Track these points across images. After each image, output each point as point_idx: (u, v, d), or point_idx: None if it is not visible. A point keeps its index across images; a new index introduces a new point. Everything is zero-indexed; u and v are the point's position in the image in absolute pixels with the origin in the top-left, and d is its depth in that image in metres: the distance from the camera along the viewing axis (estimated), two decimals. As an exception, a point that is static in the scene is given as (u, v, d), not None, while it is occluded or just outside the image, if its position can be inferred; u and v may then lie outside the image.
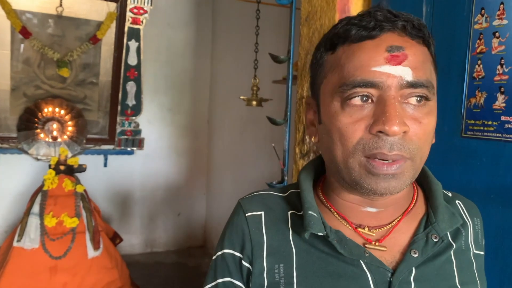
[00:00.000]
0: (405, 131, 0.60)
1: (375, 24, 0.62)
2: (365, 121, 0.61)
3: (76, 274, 2.93)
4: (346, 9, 1.67)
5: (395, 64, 0.60)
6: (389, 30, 0.62)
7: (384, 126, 0.59)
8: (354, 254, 0.66)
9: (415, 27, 0.63)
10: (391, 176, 0.62)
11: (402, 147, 0.61)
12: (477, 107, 1.24)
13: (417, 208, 0.73)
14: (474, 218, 0.77)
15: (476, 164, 1.23)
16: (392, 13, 0.63)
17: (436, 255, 0.69)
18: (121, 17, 4.06)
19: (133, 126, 4.33)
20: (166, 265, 4.33)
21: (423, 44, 0.64)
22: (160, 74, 4.55)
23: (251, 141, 3.74)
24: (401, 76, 0.60)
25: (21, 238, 2.88)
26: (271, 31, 3.11)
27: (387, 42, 0.61)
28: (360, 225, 0.70)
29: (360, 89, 0.61)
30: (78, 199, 3.06)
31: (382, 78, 0.60)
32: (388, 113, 0.59)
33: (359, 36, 0.62)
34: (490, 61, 1.20)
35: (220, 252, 0.75)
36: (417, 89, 0.61)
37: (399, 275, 0.66)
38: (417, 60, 0.61)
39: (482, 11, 1.23)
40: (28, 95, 3.97)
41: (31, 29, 3.85)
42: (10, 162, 4.03)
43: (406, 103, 0.61)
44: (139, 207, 4.60)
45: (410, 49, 0.61)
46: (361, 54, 0.62)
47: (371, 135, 0.61)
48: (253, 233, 0.72)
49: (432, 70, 0.65)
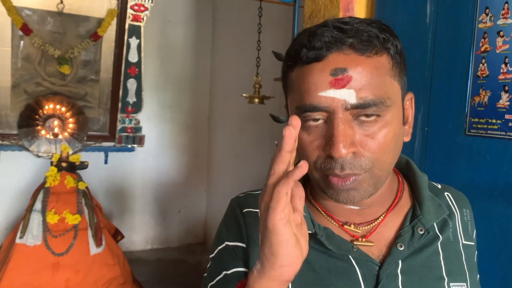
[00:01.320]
0: (354, 152, 0.62)
1: (321, 45, 0.62)
2: (320, 141, 0.64)
3: (79, 271, 2.94)
4: (350, 7, 1.68)
5: (339, 87, 0.61)
6: (335, 50, 0.62)
7: (331, 150, 0.62)
8: (342, 250, 0.69)
9: (363, 42, 0.62)
10: (348, 189, 0.65)
11: (353, 166, 0.63)
12: (481, 105, 1.25)
13: (403, 202, 0.75)
14: (463, 209, 0.78)
15: (480, 162, 1.24)
16: (341, 29, 0.63)
17: (422, 247, 0.70)
18: (121, 14, 4.06)
19: (133, 123, 4.34)
20: (166, 262, 4.34)
21: (376, 54, 0.63)
22: (160, 71, 4.56)
23: (252, 138, 3.74)
24: (345, 100, 0.61)
25: (23, 235, 2.88)
26: (271, 28, 3.11)
27: (332, 64, 0.62)
28: (346, 222, 0.73)
29: (310, 113, 0.63)
30: (80, 196, 3.07)
31: (328, 103, 0.62)
32: (334, 136, 0.61)
33: (307, 59, 0.63)
34: (494, 60, 1.21)
35: (222, 246, 0.76)
36: (365, 109, 0.62)
37: (386, 268, 0.68)
38: (363, 79, 0.61)
39: (486, 10, 1.24)
40: (28, 92, 3.97)
41: (32, 26, 3.85)
42: (11, 159, 4.03)
43: (357, 120, 0.63)
44: (140, 204, 4.61)
45: (356, 68, 0.61)
46: (309, 78, 0.63)
47: (324, 155, 0.64)
48: (249, 228, 0.74)
49: (388, 79, 0.65)
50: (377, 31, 0.64)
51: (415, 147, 1.44)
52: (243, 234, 0.74)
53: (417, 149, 1.44)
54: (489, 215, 1.21)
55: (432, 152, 1.39)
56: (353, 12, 1.67)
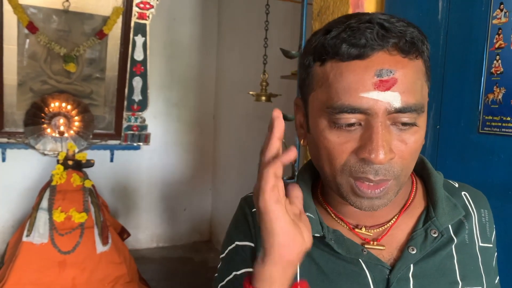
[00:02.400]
0: (391, 158, 0.60)
1: (366, 43, 0.59)
2: (352, 144, 0.61)
3: (85, 269, 2.94)
4: (360, 4, 1.66)
5: (383, 90, 0.58)
6: (379, 50, 0.59)
7: (370, 155, 0.59)
8: (352, 253, 0.68)
9: (407, 43, 0.60)
10: (375, 198, 0.63)
11: (387, 172, 0.61)
12: (495, 103, 1.23)
13: (416, 203, 0.73)
14: (480, 209, 0.75)
15: (494, 160, 1.22)
16: (385, 27, 0.59)
17: (436, 250, 0.69)
18: (127, 12, 4.05)
19: (139, 121, 4.33)
20: (172, 260, 4.34)
21: (416, 58, 0.61)
22: (166, 69, 4.55)
23: (257, 136, 3.73)
24: (389, 102, 0.58)
25: (30, 233, 2.89)
26: (279, 25, 3.10)
27: (376, 64, 0.59)
28: (357, 225, 0.72)
29: (347, 114, 0.60)
30: (86, 194, 3.07)
31: (370, 104, 0.58)
32: (374, 141, 0.58)
33: (348, 55, 0.59)
34: (509, 57, 1.19)
35: (232, 246, 0.76)
36: (405, 114, 0.60)
37: (397, 272, 0.66)
38: (407, 82, 0.59)
39: (501, 6, 1.21)
40: (34, 90, 3.97)
41: (38, 24, 3.85)
42: (17, 157, 4.03)
43: (394, 125, 0.61)
44: (145, 202, 4.61)
45: (401, 71, 0.59)
46: (349, 76, 0.59)
47: (357, 158, 0.61)
48: (257, 228, 0.73)
49: (424, 84, 0.63)
50: (418, 33, 0.61)
51: (426, 146, 1.42)
52: (252, 234, 0.74)
53: (428, 147, 1.42)
54: (503, 214, 1.19)
55: (444, 151, 1.37)
56: (363, 9, 1.65)
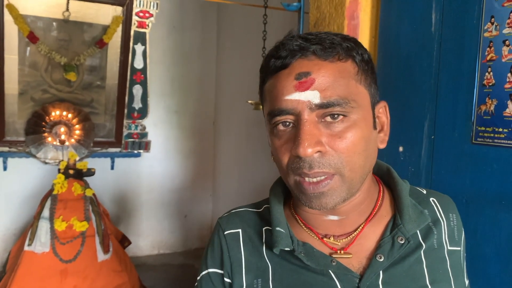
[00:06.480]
0: (320, 151, 0.64)
1: (287, 54, 0.66)
2: (289, 144, 0.67)
3: (86, 277, 2.96)
4: (355, 15, 1.69)
5: (303, 90, 0.64)
6: (299, 57, 0.66)
7: (297, 150, 0.64)
8: (321, 265, 0.70)
9: (326, 48, 0.66)
10: (320, 194, 0.66)
11: (321, 164, 0.64)
12: (488, 114, 1.25)
13: (383, 211, 0.75)
14: (449, 214, 0.78)
15: (487, 170, 1.24)
16: (305, 38, 0.67)
17: (404, 256, 0.70)
18: (127, 20, 4.09)
19: (139, 129, 4.36)
20: (173, 267, 4.35)
21: (340, 60, 0.66)
22: (166, 77, 4.58)
23: (257, 143, 3.75)
24: (310, 100, 0.64)
25: (32, 242, 2.91)
26: (276, 35, 3.12)
27: (296, 69, 0.65)
28: (326, 235, 0.74)
29: (279, 117, 0.67)
30: (87, 203, 3.09)
31: (294, 105, 0.65)
32: (299, 137, 0.64)
33: (275, 68, 0.68)
34: (500, 69, 1.22)
35: (205, 272, 0.79)
36: (328, 109, 0.64)
37: (366, 280, 0.68)
38: (327, 81, 0.64)
39: (491, 19, 1.24)
40: (35, 99, 4.00)
41: (38, 33, 3.88)
42: (18, 166, 4.06)
43: (324, 122, 0.65)
44: (146, 209, 4.63)
45: (319, 72, 0.65)
46: (277, 84, 0.67)
47: (294, 156, 0.66)
48: (231, 250, 0.76)
49: (353, 82, 0.67)
50: (340, 39, 0.68)
51: (421, 156, 1.45)
52: (222, 260, 0.77)
53: (423, 157, 1.44)
54: (497, 223, 1.21)
55: (438, 161, 1.39)
56: (358, 21, 1.68)
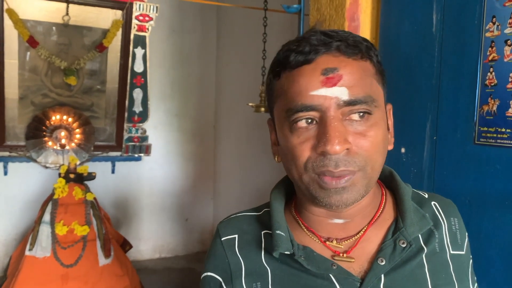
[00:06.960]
0: (348, 148, 0.63)
1: (310, 49, 0.64)
2: (311, 142, 0.65)
3: (87, 282, 2.95)
4: (356, 17, 1.68)
5: (330, 86, 0.63)
6: (324, 52, 0.64)
7: (325, 146, 0.62)
8: (321, 269, 0.69)
9: (350, 45, 0.65)
10: (341, 189, 0.64)
11: (347, 163, 0.63)
12: (490, 114, 1.24)
13: (385, 215, 0.74)
14: (450, 218, 0.77)
15: (490, 171, 1.24)
16: (327, 34, 0.66)
17: (406, 260, 0.69)
18: (126, 24, 4.09)
19: (140, 132, 4.36)
20: (174, 271, 4.34)
21: (362, 59, 0.66)
22: (166, 80, 4.58)
23: (258, 146, 3.75)
24: (338, 97, 0.63)
25: (33, 247, 2.90)
26: (277, 37, 3.12)
27: (322, 65, 0.64)
28: (328, 238, 0.73)
29: (302, 113, 0.64)
30: (88, 207, 3.08)
31: (320, 101, 0.63)
32: (328, 134, 0.62)
33: (297, 62, 0.65)
34: (502, 69, 1.21)
35: (204, 274, 0.79)
36: (356, 106, 0.63)
37: (367, 284, 0.67)
38: (353, 78, 0.64)
39: (493, 19, 1.23)
40: (35, 103, 4.00)
41: (38, 38, 3.88)
42: (19, 170, 4.05)
43: (349, 120, 0.64)
44: (147, 213, 4.62)
45: (345, 68, 0.64)
46: (300, 80, 0.65)
47: (317, 154, 0.64)
48: (230, 256, 0.76)
49: (375, 82, 0.67)
50: (361, 39, 0.68)
51: (424, 156, 1.44)
52: (223, 267, 0.76)
53: (426, 158, 1.43)
54: (500, 224, 1.20)
55: (441, 161, 1.39)
56: (359, 22, 1.67)
